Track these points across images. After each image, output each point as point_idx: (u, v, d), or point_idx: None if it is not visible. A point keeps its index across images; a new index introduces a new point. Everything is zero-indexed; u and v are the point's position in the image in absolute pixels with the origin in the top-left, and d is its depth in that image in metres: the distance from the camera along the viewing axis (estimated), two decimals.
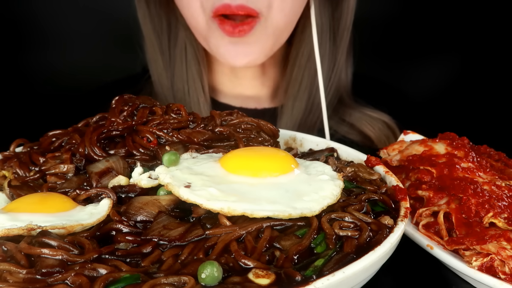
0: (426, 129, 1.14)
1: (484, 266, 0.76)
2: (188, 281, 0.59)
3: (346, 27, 1.45)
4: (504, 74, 1.77)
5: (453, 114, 1.73)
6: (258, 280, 0.60)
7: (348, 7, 1.43)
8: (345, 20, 1.44)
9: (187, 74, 1.44)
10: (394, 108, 1.55)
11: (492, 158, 1.04)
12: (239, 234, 0.67)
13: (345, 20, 1.44)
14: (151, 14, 1.43)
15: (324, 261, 0.64)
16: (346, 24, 1.45)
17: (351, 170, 0.88)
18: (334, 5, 1.43)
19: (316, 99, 1.44)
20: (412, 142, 1.04)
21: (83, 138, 0.87)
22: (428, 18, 1.84)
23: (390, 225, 0.73)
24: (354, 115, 1.51)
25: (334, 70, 1.47)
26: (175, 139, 0.88)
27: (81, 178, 0.82)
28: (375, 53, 1.80)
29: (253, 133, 0.94)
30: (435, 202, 0.87)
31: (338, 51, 1.47)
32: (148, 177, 0.79)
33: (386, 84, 1.68)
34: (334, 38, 1.45)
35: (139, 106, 0.93)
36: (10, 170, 0.88)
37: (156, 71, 1.48)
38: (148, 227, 0.69)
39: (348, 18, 1.44)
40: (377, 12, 1.77)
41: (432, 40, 1.85)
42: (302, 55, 1.43)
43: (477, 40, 1.80)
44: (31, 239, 0.65)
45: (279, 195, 0.73)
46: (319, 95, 1.33)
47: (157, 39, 1.45)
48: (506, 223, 0.80)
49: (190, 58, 1.43)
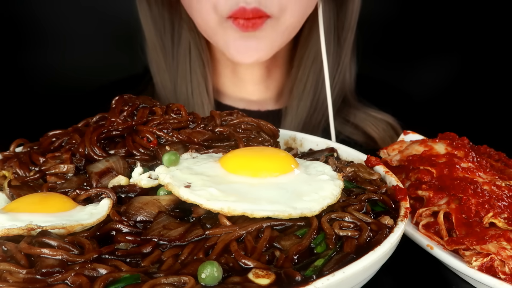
0: (426, 129, 1.14)
1: (484, 266, 0.76)
2: (188, 281, 0.59)
3: (350, 27, 1.45)
4: (504, 74, 1.77)
5: (453, 114, 1.73)
6: (258, 280, 0.60)
7: (353, 7, 1.43)
8: (349, 20, 1.45)
9: (191, 75, 1.43)
10: (397, 108, 1.55)
11: (492, 158, 1.04)
12: (239, 234, 0.67)
13: (349, 20, 1.45)
14: (153, 14, 1.42)
15: (324, 261, 0.64)
16: (350, 24, 1.45)
17: (351, 170, 0.88)
18: (339, 5, 1.43)
19: (320, 99, 1.44)
20: (412, 142, 1.04)
21: (83, 138, 0.87)
22: (428, 18, 1.84)
23: (390, 225, 0.73)
24: (358, 115, 1.51)
25: (339, 69, 1.47)
26: (175, 139, 0.88)
27: (81, 178, 0.82)
28: (376, 53, 1.80)
29: (253, 133, 0.94)
30: (435, 202, 0.87)
31: (343, 51, 1.47)
32: (148, 177, 0.79)
33: (389, 85, 1.68)
34: (339, 38, 1.46)
35: (139, 106, 0.93)
36: (10, 170, 0.88)
37: (158, 72, 1.47)
38: (148, 227, 0.69)
39: (352, 18, 1.45)
40: (377, 12, 1.77)
41: (432, 40, 1.85)
42: (308, 55, 1.43)
43: (477, 40, 1.80)
44: (31, 239, 0.65)
45: (279, 195, 0.73)
46: (323, 95, 1.33)
47: (159, 40, 1.44)
48: (506, 223, 0.80)
49: (195, 59, 1.43)
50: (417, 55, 1.88)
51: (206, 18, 1.27)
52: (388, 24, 1.81)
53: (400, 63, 1.89)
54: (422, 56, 1.88)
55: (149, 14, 1.42)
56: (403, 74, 1.89)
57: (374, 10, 1.64)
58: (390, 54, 1.85)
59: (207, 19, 1.27)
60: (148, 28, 1.43)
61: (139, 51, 1.48)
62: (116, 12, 1.75)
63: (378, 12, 1.77)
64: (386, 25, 1.81)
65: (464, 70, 1.86)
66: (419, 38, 1.84)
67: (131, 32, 1.49)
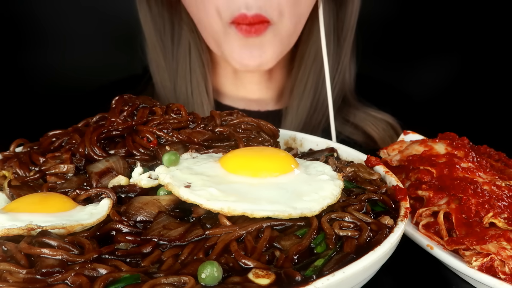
0: (426, 129, 1.14)
1: (484, 266, 0.76)
2: (188, 281, 0.59)
3: (350, 27, 1.46)
4: (504, 74, 1.77)
5: (453, 114, 1.73)
6: (258, 280, 0.60)
7: (352, 7, 1.43)
8: (349, 20, 1.45)
9: (190, 75, 1.43)
10: (397, 108, 1.55)
11: (492, 158, 1.04)
12: (239, 234, 0.67)
13: (349, 20, 1.45)
14: (153, 14, 1.42)
15: (324, 261, 0.64)
16: (350, 24, 1.45)
17: (351, 170, 0.88)
18: (338, 5, 1.43)
19: (321, 98, 1.44)
20: (412, 142, 1.04)
21: (83, 138, 0.87)
22: (427, 19, 1.84)
23: (390, 225, 0.73)
24: (358, 115, 1.51)
25: (339, 69, 1.47)
26: (175, 139, 0.88)
27: (81, 178, 0.82)
28: (376, 53, 1.80)
29: (253, 133, 0.94)
30: (435, 202, 0.87)
31: (342, 51, 1.47)
32: (148, 177, 0.79)
33: (389, 85, 1.68)
34: (338, 37, 1.46)
35: (139, 106, 0.93)
36: (10, 170, 0.87)
37: (158, 72, 1.47)
38: (148, 227, 0.69)
39: (352, 18, 1.45)
40: (377, 12, 1.77)
41: (432, 40, 1.85)
42: (308, 55, 1.43)
43: (477, 40, 1.80)
44: (31, 239, 0.65)
45: (279, 195, 0.73)
46: (324, 94, 1.33)
47: (159, 40, 1.44)
48: (506, 223, 0.80)
49: (195, 60, 1.43)
50: (417, 55, 1.87)
51: (212, 23, 1.28)
52: (388, 24, 1.81)
53: (400, 63, 1.89)
54: (422, 56, 1.88)
55: (149, 14, 1.42)
56: (403, 74, 1.89)
57: (374, 10, 1.64)
58: (389, 54, 1.85)
59: (212, 24, 1.28)
60: (148, 28, 1.43)
61: (139, 51, 1.48)
62: (116, 12, 1.75)
63: (378, 12, 1.77)
64: (386, 25, 1.81)
65: (464, 70, 1.86)
66: (419, 38, 1.84)
67: (131, 32, 1.49)
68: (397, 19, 1.83)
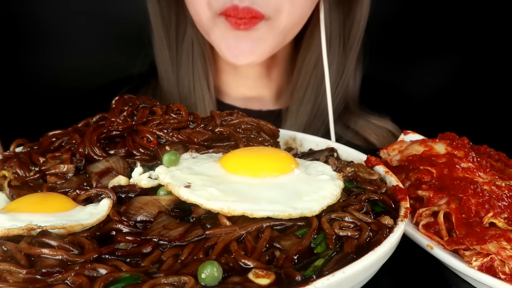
0: (426, 129, 1.14)
1: (484, 266, 0.76)
2: (188, 281, 0.59)
3: (357, 36, 1.44)
4: (504, 74, 1.77)
5: (453, 114, 1.73)
6: (258, 280, 0.60)
7: (360, 16, 1.42)
8: (356, 29, 1.44)
9: (193, 70, 1.44)
10: (397, 108, 1.55)
11: (492, 158, 1.04)
12: (239, 234, 0.67)
13: (356, 29, 1.44)
14: (161, 6, 1.43)
15: (324, 261, 0.64)
16: (357, 33, 1.44)
17: (351, 170, 0.88)
18: (345, 13, 1.43)
19: (322, 105, 1.43)
20: (412, 142, 1.04)
21: (83, 138, 0.87)
22: (428, 19, 1.84)
23: (390, 225, 0.73)
24: (359, 122, 1.50)
25: (343, 77, 1.47)
26: (175, 139, 0.88)
27: (81, 178, 0.82)
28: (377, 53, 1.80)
29: (253, 133, 0.94)
30: (435, 202, 0.87)
31: (348, 59, 1.46)
32: (148, 177, 0.79)
33: (389, 85, 1.68)
34: (344, 46, 1.45)
35: (139, 106, 0.93)
36: (10, 170, 0.87)
37: (163, 65, 1.48)
38: (148, 227, 0.69)
39: (360, 27, 1.43)
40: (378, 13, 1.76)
41: (432, 40, 1.85)
42: (309, 60, 1.43)
43: (477, 40, 1.80)
44: (31, 239, 0.65)
45: (279, 195, 0.73)
46: (325, 101, 1.33)
47: (165, 33, 1.45)
48: (506, 223, 0.80)
49: (196, 55, 1.43)
50: (417, 55, 1.87)
51: (200, 14, 1.28)
52: (389, 24, 1.81)
53: (401, 63, 1.89)
54: (422, 56, 1.88)
55: (157, 5, 1.43)
56: (404, 74, 1.89)
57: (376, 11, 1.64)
58: (390, 55, 1.85)
59: (200, 15, 1.28)
60: (156, 19, 1.44)
61: (147, 44, 1.48)
62: (116, 12, 1.75)
63: (379, 12, 1.77)
64: (387, 26, 1.80)
65: (464, 70, 1.86)
66: (420, 38, 1.84)
67: (131, 32, 1.49)
68: (398, 20, 1.83)
